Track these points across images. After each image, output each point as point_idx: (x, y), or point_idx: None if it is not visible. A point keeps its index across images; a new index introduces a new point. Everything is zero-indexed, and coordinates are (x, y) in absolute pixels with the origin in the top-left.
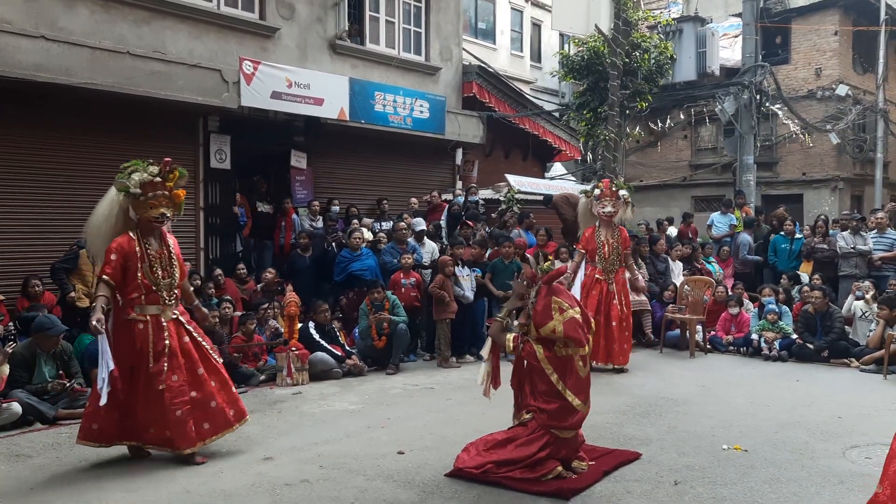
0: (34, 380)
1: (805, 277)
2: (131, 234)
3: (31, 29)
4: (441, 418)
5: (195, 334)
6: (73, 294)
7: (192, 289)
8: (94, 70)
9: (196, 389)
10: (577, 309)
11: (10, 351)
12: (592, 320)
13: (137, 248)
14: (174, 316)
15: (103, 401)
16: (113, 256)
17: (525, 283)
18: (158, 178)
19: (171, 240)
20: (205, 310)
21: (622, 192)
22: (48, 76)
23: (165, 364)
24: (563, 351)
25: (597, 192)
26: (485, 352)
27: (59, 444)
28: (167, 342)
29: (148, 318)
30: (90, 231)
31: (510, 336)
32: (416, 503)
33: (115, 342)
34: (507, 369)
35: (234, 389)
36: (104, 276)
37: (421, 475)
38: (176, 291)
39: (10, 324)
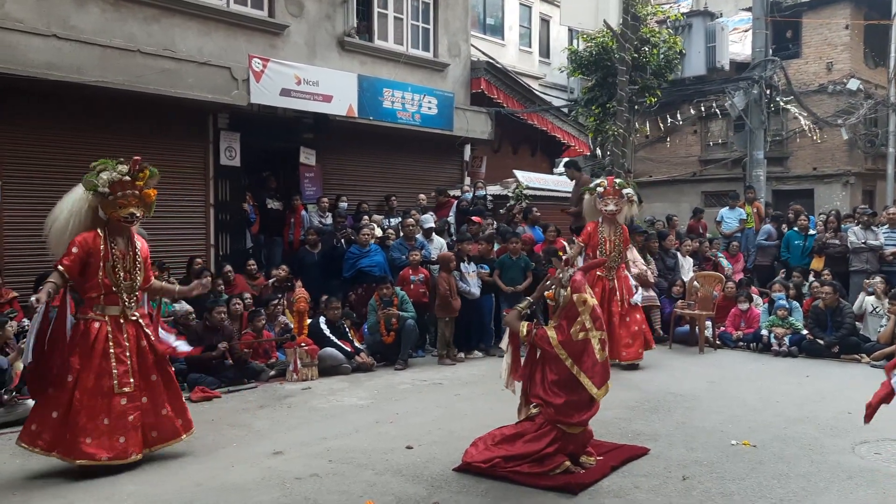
0: None
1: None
2: (99, 231)
3: (43, 28)
4: (449, 413)
5: (152, 339)
6: None
7: (163, 284)
8: (105, 68)
9: (147, 395)
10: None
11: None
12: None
13: (102, 247)
14: (134, 318)
15: (27, 359)
16: (74, 249)
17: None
18: (128, 178)
19: (141, 242)
20: (178, 287)
21: (626, 191)
22: (60, 74)
23: (126, 367)
24: (579, 335)
25: (600, 189)
26: (504, 343)
27: None
28: (126, 345)
29: (107, 318)
30: (51, 227)
31: (525, 323)
32: (425, 497)
33: (70, 341)
34: None
35: (183, 400)
36: (60, 267)
37: (429, 469)
38: (137, 294)
39: (24, 320)
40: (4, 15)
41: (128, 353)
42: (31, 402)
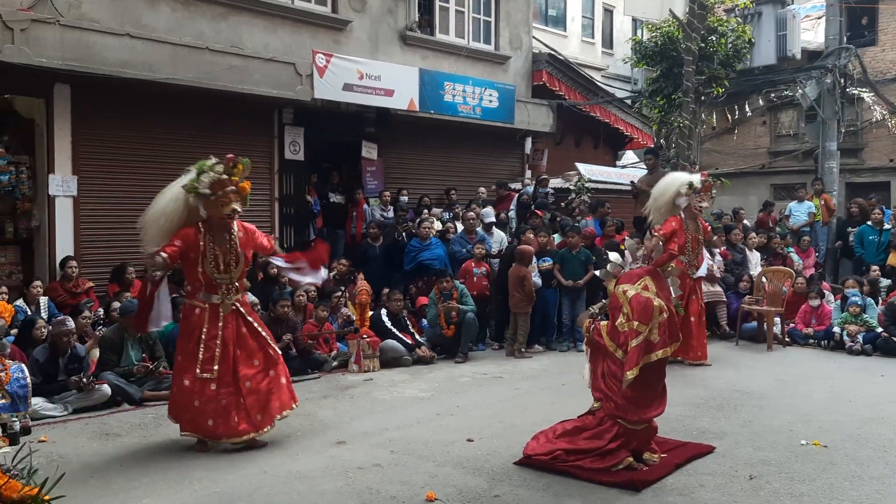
0: (122, 362)
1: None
2: (199, 227)
3: (117, 27)
4: (509, 407)
5: (255, 325)
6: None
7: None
8: (176, 65)
9: (249, 380)
10: (663, 303)
11: (100, 335)
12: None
13: (201, 243)
14: (234, 308)
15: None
16: (178, 242)
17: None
18: (225, 176)
19: (244, 228)
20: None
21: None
22: (133, 72)
23: (217, 352)
24: (624, 326)
25: (698, 186)
26: (585, 349)
27: (145, 424)
28: (220, 332)
29: (206, 305)
30: (148, 222)
31: (588, 320)
32: (486, 490)
33: (180, 328)
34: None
35: (283, 380)
36: (164, 254)
37: (490, 462)
38: (237, 284)
39: (100, 309)
40: (81, 15)
41: (218, 342)
42: (106, 389)
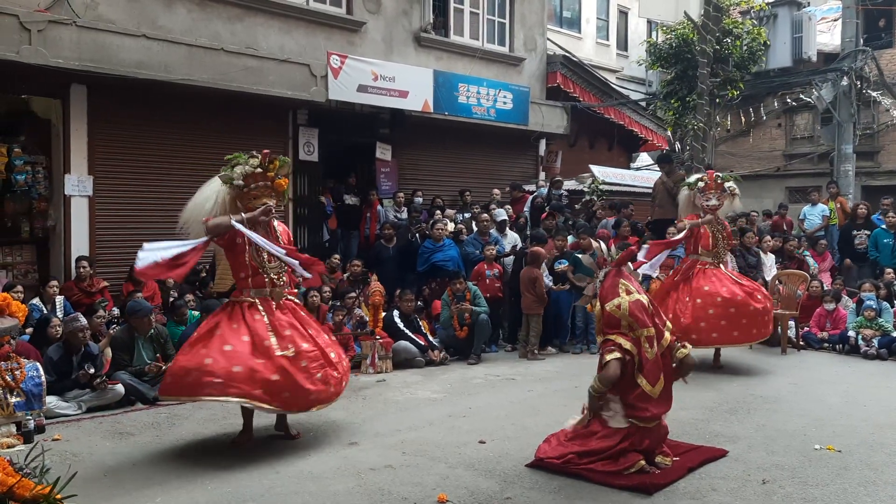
0: (134, 362)
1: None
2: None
3: (133, 28)
4: (522, 409)
5: (303, 316)
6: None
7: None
8: (192, 66)
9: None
10: (644, 296)
11: (112, 334)
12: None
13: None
14: (285, 299)
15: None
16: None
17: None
18: (259, 170)
19: (281, 227)
20: None
21: (728, 185)
22: (149, 73)
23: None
24: (631, 334)
25: (700, 184)
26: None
27: (158, 424)
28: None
29: (256, 300)
30: (189, 214)
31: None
32: (497, 492)
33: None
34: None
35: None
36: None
37: (502, 465)
38: (285, 278)
39: (114, 309)
40: (98, 17)
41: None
42: (120, 388)
